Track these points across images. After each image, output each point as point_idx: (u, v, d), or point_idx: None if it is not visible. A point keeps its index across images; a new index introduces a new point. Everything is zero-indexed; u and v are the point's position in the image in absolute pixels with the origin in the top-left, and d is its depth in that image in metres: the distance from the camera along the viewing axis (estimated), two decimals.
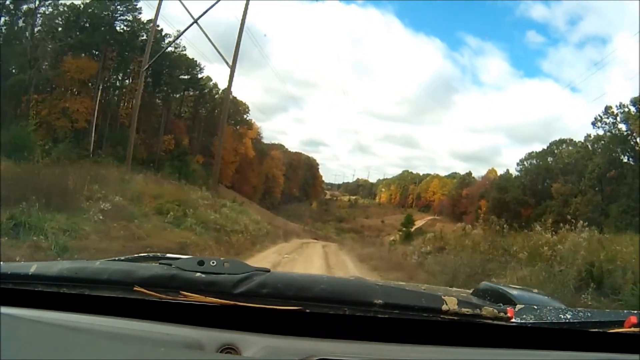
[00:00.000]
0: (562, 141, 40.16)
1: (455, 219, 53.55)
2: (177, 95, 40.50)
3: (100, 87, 26.44)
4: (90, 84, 29.75)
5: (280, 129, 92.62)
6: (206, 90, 42.10)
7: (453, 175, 58.94)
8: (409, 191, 63.40)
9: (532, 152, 41.77)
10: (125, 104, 34.17)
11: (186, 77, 39.07)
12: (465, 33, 67.65)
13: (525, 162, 41.89)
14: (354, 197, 65.82)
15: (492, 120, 66.58)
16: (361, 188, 69.12)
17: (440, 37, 72.30)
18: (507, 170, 44.68)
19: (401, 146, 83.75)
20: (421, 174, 62.31)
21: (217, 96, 42.46)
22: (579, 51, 58.08)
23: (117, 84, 32.89)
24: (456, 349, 0.98)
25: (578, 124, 65.76)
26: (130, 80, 34.61)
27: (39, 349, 0.84)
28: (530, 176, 38.82)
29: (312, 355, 0.90)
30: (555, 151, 39.29)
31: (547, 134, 64.59)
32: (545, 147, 40.02)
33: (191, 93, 40.64)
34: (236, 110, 45.00)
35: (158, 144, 34.51)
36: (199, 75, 39.46)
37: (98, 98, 26.91)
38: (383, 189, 68.37)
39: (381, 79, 77.05)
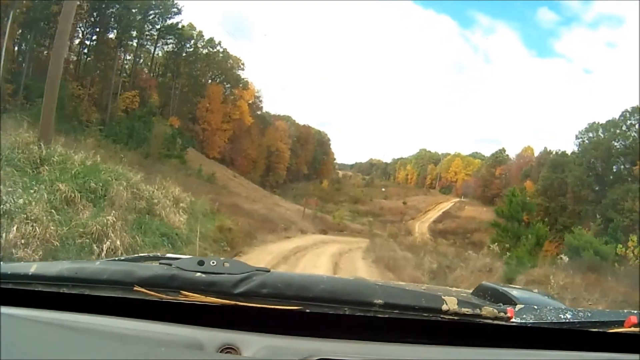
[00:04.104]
0: (637, 109, 31.61)
1: (485, 202, 49.84)
2: (154, 46, 32.60)
3: (10, 19, 18.35)
4: None
5: (289, 105, 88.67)
6: (185, 40, 34.14)
7: (474, 155, 56.42)
8: (428, 171, 60.25)
9: (594, 122, 33.91)
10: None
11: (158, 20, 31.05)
12: (476, 11, 63.06)
13: (584, 136, 33.52)
14: (368, 177, 61.93)
15: (506, 100, 64.19)
16: (375, 168, 67.02)
17: (450, 14, 68.63)
18: (545, 148, 40.36)
19: (415, 125, 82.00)
20: (440, 153, 59.61)
21: (201, 48, 34.60)
22: (592, 31, 53.97)
23: (44, 14, 24.58)
24: (456, 349, 0.98)
25: (594, 104, 63.61)
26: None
27: (39, 349, 0.84)
28: (598, 152, 30.49)
29: (312, 355, 0.90)
30: (629, 122, 30.75)
31: (560, 115, 63.80)
32: (616, 118, 31.63)
33: (169, 42, 32.78)
34: (226, 67, 37.21)
35: (115, 101, 27.05)
36: (176, 20, 31.71)
37: (7, 33, 18.80)
38: (399, 168, 65.05)
39: (392, 56, 73.18)
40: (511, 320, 0.99)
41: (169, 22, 32.17)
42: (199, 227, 11.41)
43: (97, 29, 29.37)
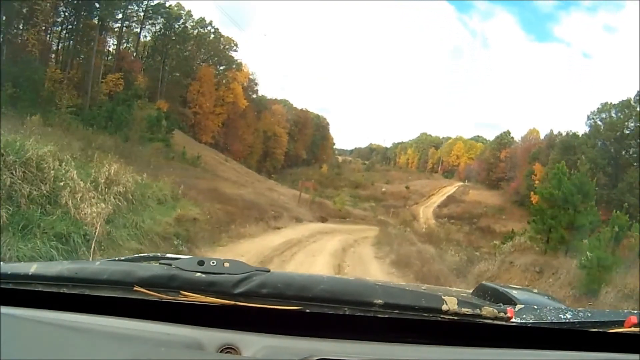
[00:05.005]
0: None
1: (490, 186, 48.81)
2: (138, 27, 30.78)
3: None
4: None
5: (286, 89, 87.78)
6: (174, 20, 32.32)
7: (476, 139, 55.32)
8: (429, 155, 59.57)
9: (607, 102, 32.46)
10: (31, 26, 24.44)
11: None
12: None
13: (596, 116, 31.91)
14: (368, 161, 60.88)
15: (505, 84, 63.71)
16: (375, 153, 66.05)
17: None
18: (551, 130, 39.36)
19: (415, 109, 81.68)
20: (441, 137, 58.92)
21: (190, 28, 32.78)
22: (591, 15, 52.79)
23: None
24: (456, 349, 0.98)
25: (593, 88, 62.88)
26: None
27: (39, 349, 0.84)
28: (612, 133, 28.91)
29: (312, 355, 0.90)
30: None
31: (560, 98, 60.05)
32: (631, 98, 30.08)
33: (157, 23, 31.03)
34: (218, 47, 35.45)
35: (97, 85, 25.55)
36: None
37: None
38: (400, 153, 64.16)
39: (390, 40, 72.20)
40: (511, 320, 0.99)
41: (156, 1, 30.58)
42: (143, 219, 8.39)
43: (79, 10, 27.71)
